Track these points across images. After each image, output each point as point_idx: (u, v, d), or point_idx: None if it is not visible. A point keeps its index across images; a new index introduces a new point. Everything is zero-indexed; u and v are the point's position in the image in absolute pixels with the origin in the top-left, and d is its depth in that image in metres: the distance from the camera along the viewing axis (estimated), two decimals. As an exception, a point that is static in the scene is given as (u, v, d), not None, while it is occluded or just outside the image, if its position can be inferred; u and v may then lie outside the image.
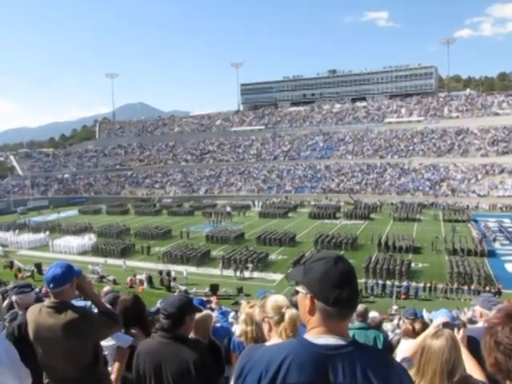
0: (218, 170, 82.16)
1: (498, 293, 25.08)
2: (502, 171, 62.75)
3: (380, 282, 28.59)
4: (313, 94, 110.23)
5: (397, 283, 28.25)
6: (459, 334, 2.96)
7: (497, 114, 77.05)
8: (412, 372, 2.45)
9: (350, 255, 35.13)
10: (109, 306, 3.57)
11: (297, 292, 1.84)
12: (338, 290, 1.70)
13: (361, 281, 28.78)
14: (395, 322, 9.91)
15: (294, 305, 2.47)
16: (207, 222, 53.02)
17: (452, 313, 5.11)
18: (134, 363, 3.21)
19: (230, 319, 7.53)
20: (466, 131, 74.90)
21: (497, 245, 38.40)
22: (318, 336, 1.72)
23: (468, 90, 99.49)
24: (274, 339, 2.88)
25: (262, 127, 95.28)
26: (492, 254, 35.23)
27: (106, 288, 7.25)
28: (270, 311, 2.96)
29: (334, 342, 1.70)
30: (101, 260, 36.12)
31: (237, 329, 4.40)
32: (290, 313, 2.86)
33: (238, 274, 31.92)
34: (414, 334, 4.68)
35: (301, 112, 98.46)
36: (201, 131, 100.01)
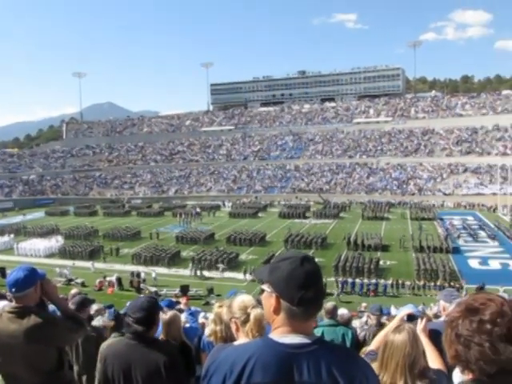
0: (187, 171, 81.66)
1: (462, 288, 25.75)
2: (465, 170, 64.42)
3: (349, 279, 28.97)
4: (282, 95, 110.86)
5: (366, 281, 28.68)
6: (421, 324, 3.03)
7: (460, 116, 79.08)
8: (376, 365, 2.51)
9: (320, 254, 35.50)
10: (78, 309, 3.49)
11: (262, 290, 1.83)
12: (303, 291, 1.70)
13: (331, 279, 29.22)
14: (364, 318, 10.09)
15: (262, 303, 2.48)
16: (177, 222, 52.62)
17: (418, 308, 5.22)
18: (100, 367, 3.12)
19: (201, 319, 7.51)
20: (431, 132, 76.61)
21: (461, 242, 39.38)
22: (282, 335, 1.71)
23: (433, 92, 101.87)
24: (241, 339, 2.89)
25: (232, 127, 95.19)
26: (456, 250, 36.09)
27: (74, 290, 7.13)
28: (236, 311, 2.97)
29: (298, 340, 1.69)
30: (68, 263, 35.36)
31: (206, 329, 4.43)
32: (255, 313, 2.85)
33: (197, 273, 31.91)
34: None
35: (271, 112, 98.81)
36: (170, 131, 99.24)
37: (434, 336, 2.88)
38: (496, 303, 1.54)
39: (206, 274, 32.09)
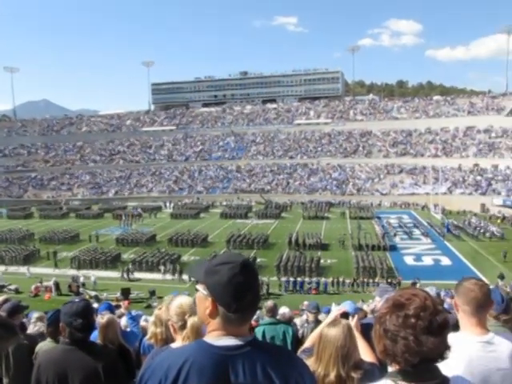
0: (128, 171, 79.85)
1: (398, 283, 26.77)
2: (401, 171, 66.95)
3: (291, 278, 29.35)
4: (224, 95, 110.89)
5: (307, 279, 29.19)
6: (353, 321, 3.13)
7: (396, 119, 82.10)
8: (312, 359, 2.59)
9: (262, 254, 35.90)
10: (10, 315, 3.31)
11: (196, 290, 1.83)
12: (240, 298, 1.69)
13: (273, 278, 29.50)
14: (304, 316, 10.24)
15: None
16: (117, 224, 51.41)
17: (356, 305, 5.35)
18: (34, 375, 2.99)
19: (142, 323, 7.36)
20: (369, 133, 79.01)
21: (397, 239, 40.95)
22: (217, 338, 1.72)
23: (371, 95, 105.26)
24: (178, 342, 2.88)
25: (174, 128, 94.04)
26: (393, 248, 37.48)
27: (1, 297, 6.75)
28: (173, 316, 2.97)
29: (233, 342, 1.70)
30: (1, 268, 33.74)
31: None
32: (192, 321, 2.83)
33: (124, 275, 31.41)
34: None
35: (212, 113, 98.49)
36: (110, 131, 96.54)
37: (369, 331, 2.97)
38: (420, 298, 1.63)
39: (137, 275, 31.59)
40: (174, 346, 2.84)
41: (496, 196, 53.46)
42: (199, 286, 1.80)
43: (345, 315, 3.14)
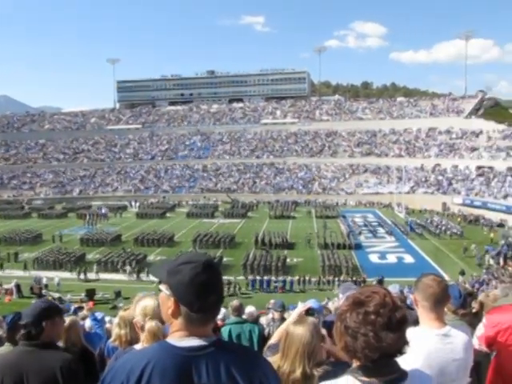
0: (92, 170, 78.28)
1: (363, 281, 27.22)
2: (365, 171, 68.04)
3: (258, 277, 29.47)
4: (191, 94, 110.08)
5: (273, 278, 29.35)
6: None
7: (361, 119, 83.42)
8: (277, 356, 2.60)
9: (228, 253, 35.95)
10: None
11: (159, 290, 1.81)
12: (203, 298, 1.69)
13: (240, 278, 29.55)
14: (270, 315, 10.26)
15: None
16: (82, 224, 50.42)
17: (320, 303, 5.36)
18: None
19: (107, 324, 7.22)
20: (335, 133, 79.93)
21: (362, 238, 41.61)
22: (180, 339, 1.70)
23: (337, 96, 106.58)
24: (140, 343, 2.87)
25: (139, 126, 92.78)
26: (358, 246, 38.10)
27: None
28: (138, 315, 2.97)
29: (196, 343, 1.69)
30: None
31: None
32: (149, 325, 2.81)
33: (81, 276, 30.99)
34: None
35: (179, 111, 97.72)
36: (74, 129, 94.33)
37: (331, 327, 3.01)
38: (380, 295, 1.66)
39: (94, 276, 31.25)
40: (137, 347, 2.81)
41: (456, 195, 54.94)
42: (162, 286, 1.78)
43: (310, 311, 3.15)
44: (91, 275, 31.56)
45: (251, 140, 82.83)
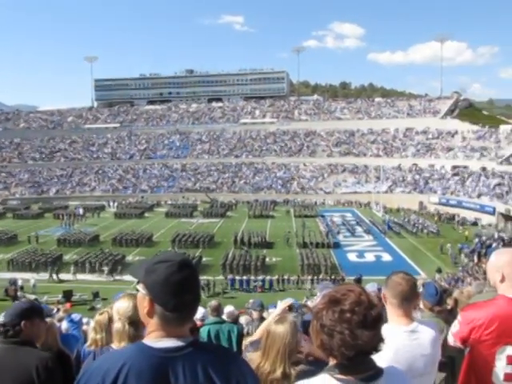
0: (69, 170, 77.09)
1: (342, 280, 27.42)
2: (344, 170, 68.56)
3: (237, 277, 29.45)
4: (170, 93, 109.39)
5: (253, 278, 29.38)
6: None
7: (339, 119, 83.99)
8: (258, 354, 2.62)
9: (208, 253, 35.85)
10: None
11: (137, 290, 1.80)
12: (178, 297, 1.68)
13: (219, 277, 29.47)
14: (250, 315, 10.26)
15: None
16: (59, 224, 49.59)
17: (298, 301, 5.41)
18: None
19: (85, 326, 7.12)
20: (313, 133, 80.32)
21: (340, 237, 41.93)
22: (157, 340, 1.69)
23: (315, 96, 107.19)
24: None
25: (118, 125, 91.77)
26: (337, 245, 38.36)
27: None
28: (114, 315, 2.95)
29: (173, 344, 1.68)
30: None
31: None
32: (115, 326, 2.81)
33: (53, 277, 30.60)
34: None
35: (157, 111, 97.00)
36: (51, 128, 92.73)
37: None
38: (355, 293, 1.68)
39: (62, 277, 30.89)
40: (114, 347, 2.79)
41: (432, 194, 55.79)
42: (139, 286, 1.77)
43: (290, 308, 3.18)
44: (68, 276, 31.11)
45: (230, 139, 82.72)
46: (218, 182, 70.44)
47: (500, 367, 2.68)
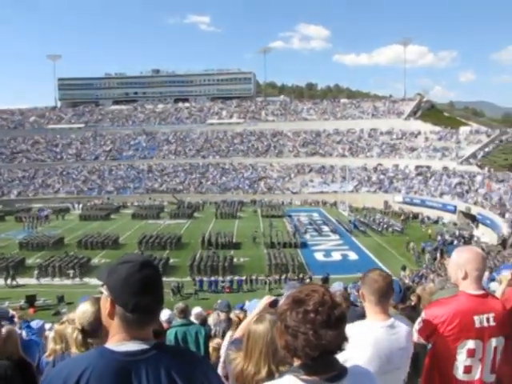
0: (32, 171, 75.05)
1: (310, 279, 27.68)
2: (310, 170, 69.17)
3: (205, 278, 29.33)
4: (136, 93, 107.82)
5: (221, 278, 29.31)
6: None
7: (306, 119, 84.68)
8: (240, 356, 2.59)
9: (175, 254, 35.61)
10: None
11: (101, 292, 1.78)
12: (138, 297, 1.66)
13: (186, 279, 29.33)
14: (217, 316, 10.28)
15: None
16: (21, 227, 48.18)
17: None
18: None
19: (47, 332, 6.98)
20: (280, 134, 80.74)
21: (307, 236, 42.26)
22: (119, 343, 1.67)
23: (282, 97, 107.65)
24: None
25: (82, 125, 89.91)
26: (304, 245, 38.61)
27: None
28: (76, 320, 2.90)
29: (136, 347, 1.66)
30: None
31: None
32: (69, 332, 2.78)
33: (8, 282, 29.86)
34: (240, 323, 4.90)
35: (123, 111, 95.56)
36: (11, 128, 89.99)
37: None
38: (319, 293, 1.69)
39: (20, 281, 30.11)
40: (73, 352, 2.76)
41: (397, 194, 56.90)
42: (102, 288, 1.76)
43: (274, 304, 3.15)
44: (31, 280, 30.34)
45: (197, 140, 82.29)
46: (185, 182, 69.97)
47: (460, 360, 2.85)
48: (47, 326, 8.67)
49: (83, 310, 2.85)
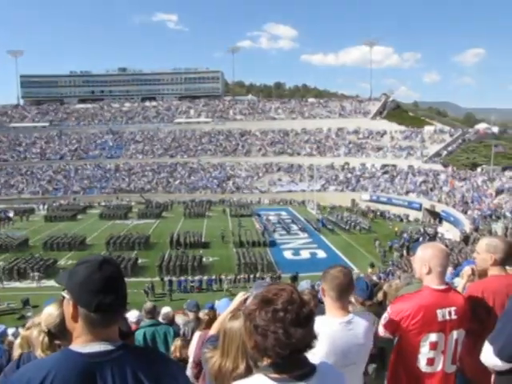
0: (-7, 171, 72.97)
1: (279, 278, 27.78)
2: (279, 169, 69.50)
3: (174, 278, 29.07)
4: (102, 92, 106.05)
5: (190, 278, 29.14)
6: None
7: (274, 119, 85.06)
8: (217, 354, 2.58)
9: (144, 254, 35.18)
10: None
11: (63, 297, 1.75)
12: (100, 296, 1.64)
13: (155, 279, 28.97)
14: (186, 316, 10.23)
15: None
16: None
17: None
18: None
19: (10, 337, 6.83)
20: (248, 133, 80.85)
21: (276, 235, 42.36)
22: (84, 345, 1.64)
23: (250, 96, 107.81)
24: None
25: (47, 124, 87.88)
26: (273, 243, 38.72)
27: None
28: (42, 323, 2.84)
29: (100, 348, 1.64)
30: None
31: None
32: (33, 335, 2.73)
33: None
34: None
35: (89, 109, 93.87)
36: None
37: None
38: (287, 292, 1.69)
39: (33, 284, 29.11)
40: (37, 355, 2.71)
41: (364, 192, 57.76)
42: (64, 292, 1.73)
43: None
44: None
45: (165, 139, 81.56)
46: (153, 182, 69.26)
47: (424, 353, 2.92)
48: (10, 330, 8.47)
49: (49, 313, 2.79)
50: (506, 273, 3.26)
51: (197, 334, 4.03)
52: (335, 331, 2.72)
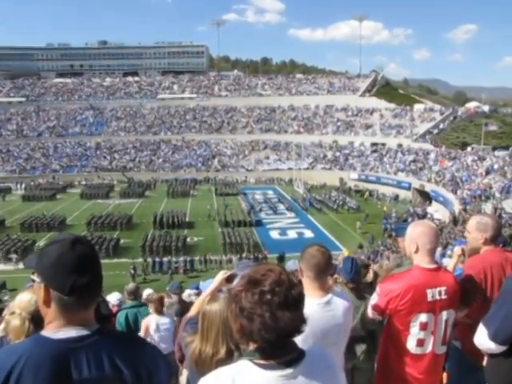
0: (-32, 149, 70.44)
1: (265, 258, 27.13)
2: (265, 147, 68.21)
3: (157, 259, 28.62)
4: (81, 66, 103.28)
5: (174, 259, 28.58)
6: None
7: (260, 95, 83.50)
8: (197, 338, 2.52)
9: (126, 235, 34.88)
10: None
11: (33, 281, 1.60)
12: (74, 277, 1.51)
13: (138, 260, 28.32)
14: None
15: None
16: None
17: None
18: None
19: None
20: (234, 109, 79.25)
21: (263, 215, 41.67)
22: (57, 330, 1.52)
23: (236, 71, 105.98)
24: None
25: (23, 99, 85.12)
26: (259, 223, 38.14)
27: None
28: (15, 309, 2.60)
29: (75, 333, 1.51)
30: None
31: None
32: (13, 323, 2.46)
33: None
34: None
35: (68, 84, 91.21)
36: None
37: None
38: (275, 273, 1.57)
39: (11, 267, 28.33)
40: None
41: (352, 171, 56.84)
42: (34, 276, 1.58)
43: (231, 278, 3.04)
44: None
45: (147, 116, 79.68)
46: (136, 160, 67.59)
47: (414, 334, 2.87)
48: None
49: (27, 299, 2.57)
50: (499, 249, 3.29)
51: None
52: (314, 312, 2.46)
